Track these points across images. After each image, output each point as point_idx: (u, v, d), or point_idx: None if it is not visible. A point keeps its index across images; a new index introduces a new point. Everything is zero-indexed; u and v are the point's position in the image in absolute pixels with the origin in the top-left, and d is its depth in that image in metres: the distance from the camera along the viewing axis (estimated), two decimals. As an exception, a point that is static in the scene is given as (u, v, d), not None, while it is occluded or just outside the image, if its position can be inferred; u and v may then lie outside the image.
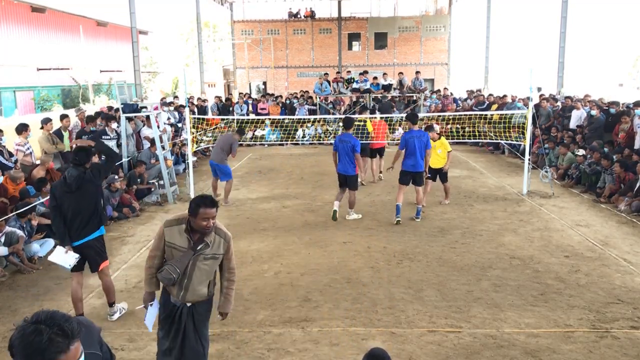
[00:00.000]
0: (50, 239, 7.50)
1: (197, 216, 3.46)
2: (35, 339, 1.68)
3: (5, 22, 22.83)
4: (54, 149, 9.96)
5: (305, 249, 7.42)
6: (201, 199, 3.51)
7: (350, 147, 8.55)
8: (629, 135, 11.13)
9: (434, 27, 35.75)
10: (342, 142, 8.63)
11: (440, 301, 5.66)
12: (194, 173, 11.06)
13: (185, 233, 3.56)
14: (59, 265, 5.14)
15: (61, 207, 4.97)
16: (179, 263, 3.56)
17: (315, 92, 20.24)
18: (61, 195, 4.96)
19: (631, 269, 6.55)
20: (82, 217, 5.01)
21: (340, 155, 8.68)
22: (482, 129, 14.68)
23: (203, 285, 3.68)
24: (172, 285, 3.63)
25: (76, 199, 4.96)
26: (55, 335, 1.70)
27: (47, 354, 1.68)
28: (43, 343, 1.68)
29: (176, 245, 3.58)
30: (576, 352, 4.61)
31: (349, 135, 8.72)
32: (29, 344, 1.68)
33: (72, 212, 4.97)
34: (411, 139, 8.49)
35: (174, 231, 3.58)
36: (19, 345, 1.70)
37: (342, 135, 8.84)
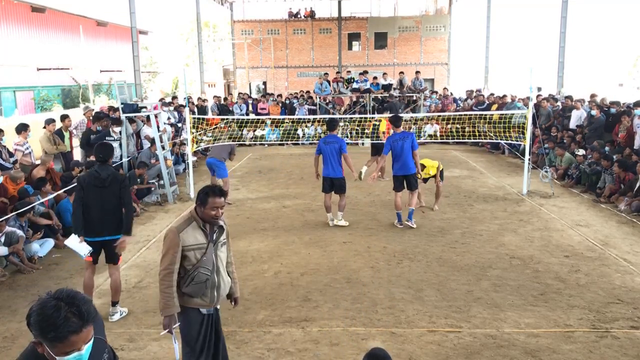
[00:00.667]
0: (50, 239, 7.51)
1: (207, 206, 3.45)
2: (53, 314, 1.77)
3: (5, 22, 22.83)
4: (54, 149, 9.97)
5: (305, 249, 7.42)
6: (210, 189, 3.50)
7: (337, 148, 8.25)
8: (629, 135, 11.13)
9: (434, 27, 35.76)
10: (328, 144, 8.29)
11: (440, 301, 5.66)
12: (194, 173, 11.07)
13: (200, 228, 3.51)
14: (74, 250, 5.31)
15: (86, 199, 5.18)
16: (206, 260, 3.49)
17: (315, 92, 20.24)
18: (88, 188, 5.18)
19: (631, 269, 6.55)
20: (104, 213, 5.20)
21: (326, 158, 8.30)
22: (482, 129, 14.68)
23: (227, 275, 3.70)
24: (205, 289, 3.51)
25: (102, 195, 5.18)
26: (71, 315, 1.79)
27: (60, 331, 1.78)
28: (59, 319, 1.77)
29: (194, 245, 3.48)
30: (576, 352, 4.61)
31: (334, 136, 8.44)
32: (46, 317, 1.78)
33: (96, 206, 5.18)
34: (395, 142, 8.20)
35: (187, 233, 3.47)
36: (36, 316, 1.79)
37: (326, 137, 8.46)
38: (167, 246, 3.46)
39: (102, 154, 5.31)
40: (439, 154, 15.91)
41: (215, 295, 3.57)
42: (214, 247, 3.55)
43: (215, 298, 3.58)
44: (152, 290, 6.11)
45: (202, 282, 3.49)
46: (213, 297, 3.57)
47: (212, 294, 3.55)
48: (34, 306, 1.82)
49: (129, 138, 10.97)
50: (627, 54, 51.44)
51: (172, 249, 3.44)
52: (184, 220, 3.53)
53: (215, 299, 3.59)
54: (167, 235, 3.49)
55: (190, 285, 3.49)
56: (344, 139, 17.13)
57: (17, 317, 5.49)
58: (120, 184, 5.25)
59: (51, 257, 7.31)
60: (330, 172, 8.31)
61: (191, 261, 3.48)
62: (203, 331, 3.59)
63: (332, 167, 8.29)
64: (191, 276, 3.48)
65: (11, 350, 4.82)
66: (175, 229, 3.47)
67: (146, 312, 5.51)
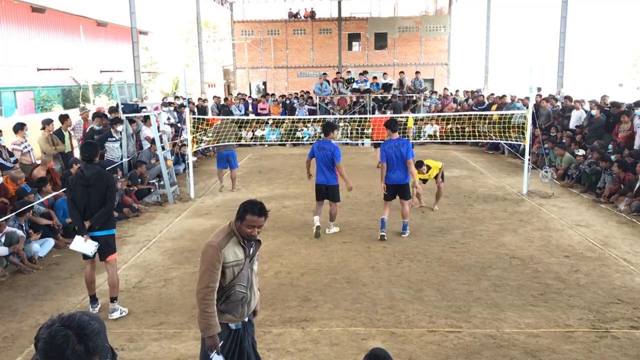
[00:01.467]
0: (50, 239, 7.51)
1: (244, 222, 3.26)
2: (62, 344, 1.76)
3: (5, 22, 22.84)
4: (53, 150, 9.97)
5: (305, 249, 7.42)
6: (250, 206, 3.26)
7: (330, 155, 7.72)
8: (629, 135, 11.13)
9: (434, 27, 35.77)
10: (321, 150, 7.79)
11: (440, 301, 5.66)
12: (194, 173, 11.07)
13: (240, 244, 3.32)
14: (80, 252, 5.40)
15: (75, 197, 5.30)
16: (242, 277, 3.34)
17: (315, 93, 20.24)
18: (75, 187, 5.29)
19: (631, 269, 6.56)
20: (90, 211, 5.31)
21: (319, 164, 7.86)
22: (482, 129, 14.68)
23: (257, 289, 3.58)
24: (239, 306, 3.40)
25: (88, 193, 5.27)
26: (79, 348, 1.79)
27: None
28: (67, 351, 1.76)
29: (233, 262, 3.30)
30: (576, 352, 4.61)
31: (329, 142, 7.86)
32: (54, 347, 1.77)
33: (82, 204, 5.30)
34: (390, 149, 7.67)
35: (228, 249, 3.28)
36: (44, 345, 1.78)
37: (320, 142, 7.95)
38: (207, 263, 3.23)
39: (86, 153, 5.40)
40: (439, 154, 15.90)
41: (245, 310, 3.47)
42: (250, 262, 3.40)
43: (245, 313, 3.48)
44: (152, 290, 6.12)
45: (238, 300, 3.38)
46: (243, 312, 3.46)
47: (242, 309, 3.44)
48: (43, 331, 1.81)
49: (129, 138, 10.98)
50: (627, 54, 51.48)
51: (213, 266, 3.22)
52: (224, 235, 3.31)
53: (245, 314, 3.49)
54: (207, 251, 3.26)
55: (224, 304, 3.35)
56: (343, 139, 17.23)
57: (17, 317, 5.49)
58: (106, 182, 5.33)
59: (51, 257, 7.31)
60: (322, 179, 7.88)
61: (227, 278, 3.31)
62: (228, 345, 3.45)
63: (324, 174, 7.84)
64: (226, 294, 3.34)
65: (11, 350, 4.82)
66: (217, 245, 3.25)
67: (146, 312, 5.51)
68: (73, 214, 5.38)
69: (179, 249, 7.60)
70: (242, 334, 3.49)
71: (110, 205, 5.40)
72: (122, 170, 10.42)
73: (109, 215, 5.41)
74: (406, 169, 7.64)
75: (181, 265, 6.92)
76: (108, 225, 5.42)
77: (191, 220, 9.14)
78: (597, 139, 12.10)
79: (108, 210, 5.37)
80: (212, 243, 3.27)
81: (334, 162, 7.74)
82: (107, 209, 5.35)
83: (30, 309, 5.69)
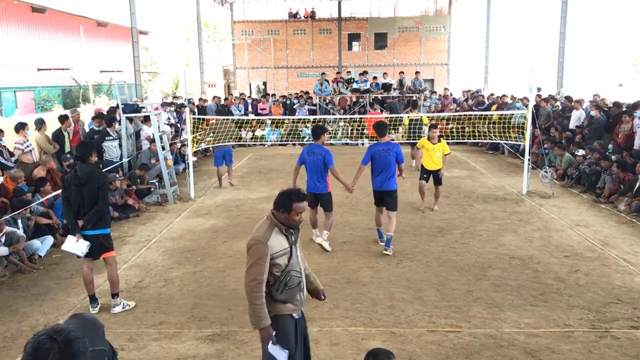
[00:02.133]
0: (49, 236, 7.52)
1: (292, 211, 3.40)
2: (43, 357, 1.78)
3: (6, 22, 22.84)
4: (52, 149, 9.99)
5: (305, 249, 7.42)
6: (294, 194, 3.42)
7: (321, 160, 7.15)
8: (628, 135, 11.13)
9: (433, 27, 35.76)
10: (312, 155, 7.22)
11: (440, 301, 5.66)
12: (194, 173, 11.08)
13: (282, 233, 3.42)
14: (72, 253, 5.43)
15: (69, 197, 5.35)
16: (294, 263, 3.43)
17: (315, 93, 20.24)
18: (69, 187, 5.34)
19: (631, 269, 6.56)
20: (84, 211, 5.36)
21: (309, 171, 7.30)
22: (482, 129, 14.69)
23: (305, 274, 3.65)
24: (297, 292, 3.46)
25: (81, 192, 5.32)
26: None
27: None
28: None
29: (281, 251, 3.39)
30: (576, 352, 4.61)
31: (319, 146, 7.26)
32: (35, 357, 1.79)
33: (76, 203, 5.35)
34: (377, 153, 7.18)
35: (273, 241, 3.36)
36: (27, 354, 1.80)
37: (310, 146, 7.35)
38: (255, 256, 3.31)
39: (79, 152, 5.46)
40: (439, 154, 15.92)
41: (303, 297, 3.54)
42: (296, 248, 3.51)
43: (303, 299, 3.55)
44: (152, 290, 6.12)
45: (296, 286, 3.44)
46: (302, 299, 3.53)
47: (301, 296, 3.51)
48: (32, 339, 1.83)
49: (129, 138, 10.98)
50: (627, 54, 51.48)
51: (261, 259, 3.29)
52: (266, 228, 3.40)
53: (303, 301, 3.55)
54: (252, 245, 3.34)
55: (284, 292, 3.39)
56: (343, 139, 17.24)
57: (17, 317, 5.50)
58: (98, 181, 5.36)
59: (51, 257, 7.32)
60: (313, 188, 7.29)
61: (281, 267, 3.39)
62: (294, 336, 3.51)
63: (315, 181, 7.26)
64: (283, 281, 3.39)
65: (11, 350, 4.83)
66: (261, 238, 3.33)
67: (146, 312, 5.51)
68: (67, 213, 5.43)
69: (179, 249, 7.61)
70: (303, 323, 3.58)
71: (103, 205, 5.42)
72: (122, 170, 10.43)
73: (101, 215, 5.42)
74: (394, 175, 7.19)
75: (181, 265, 6.92)
76: (101, 225, 5.44)
77: (191, 220, 9.14)
78: (597, 139, 12.10)
79: (100, 210, 5.39)
80: (257, 237, 3.36)
81: (325, 168, 7.21)
82: (99, 208, 5.38)
83: (30, 309, 5.70)
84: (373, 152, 7.25)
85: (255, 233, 3.42)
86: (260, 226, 3.46)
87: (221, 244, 7.77)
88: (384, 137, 7.35)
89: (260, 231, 3.40)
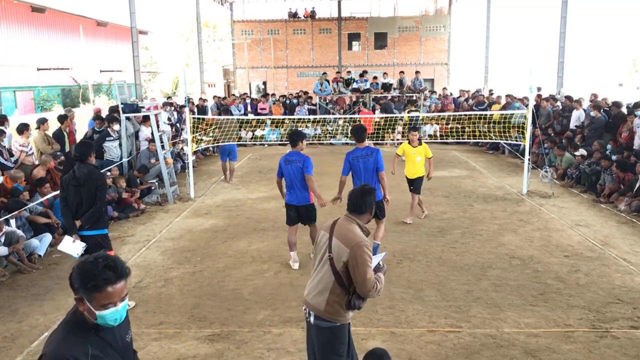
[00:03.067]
0: (47, 234, 7.52)
1: (372, 211, 3.49)
2: (91, 266, 2.11)
3: (5, 22, 22.84)
4: (50, 149, 9.97)
5: (306, 249, 7.42)
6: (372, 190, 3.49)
7: (299, 168, 6.46)
8: (629, 136, 11.13)
9: (433, 27, 35.76)
10: (289, 163, 6.53)
11: (440, 301, 5.66)
12: (193, 173, 11.07)
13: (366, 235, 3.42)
14: (68, 253, 5.42)
15: (68, 197, 5.36)
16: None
17: (315, 92, 20.24)
18: (67, 187, 5.36)
19: (631, 268, 6.56)
20: (82, 210, 5.37)
21: (288, 181, 6.60)
22: (482, 129, 14.69)
23: None
24: None
25: (80, 192, 5.33)
26: (107, 267, 2.12)
27: (98, 279, 2.09)
28: (96, 270, 2.10)
29: None
30: (576, 352, 4.61)
31: (298, 153, 6.57)
32: (85, 269, 2.11)
33: (74, 204, 5.36)
34: (355, 160, 6.59)
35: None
36: (78, 270, 2.12)
37: (288, 154, 6.64)
38: (368, 261, 3.23)
39: (78, 152, 5.46)
40: (439, 154, 15.92)
41: None
42: None
43: None
44: (152, 290, 6.12)
45: None
46: None
47: None
48: (74, 267, 2.14)
49: (129, 138, 10.98)
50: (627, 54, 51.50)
51: (369, 258, 3.24)
52: (360, 231, 3.37)
53: None
54: (363, 246, 3.24)
55: (354, 297, 3.32)
56: (343, 139, 17.24)
57: (17, 317, 5.49)
58: (96, 182, 5.36)
59: (51, 257, 7.31)
60: (293, 199, 6.62)
61: None
62: (348, 339, 3.51)
63: (295, 192, 6.59)
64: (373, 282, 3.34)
65: (11, 350, 4.82)
66: (366, 241, 3.30)
67: (146, 312, 5.51)
68: (64, 213, 5.43)
69: (179, 248, 7.61)
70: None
71: (101, 205, 5.42)
72: (122, 169, 10.43)
73: (99, 215, 5.42)
74: (376, 182, 6.55)
75: (181, 265, 6.92)
76: (99, 225, 5.44)
77: (191, 220, 9.14)
78: (597, 139, 12.10)
79: (98, 210, 5.40)
80: (364, 242, 3.28)
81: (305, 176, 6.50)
82: (97, 208, 5.38)
83: (30, 309, 5.69)
84: (351, 159, 6.64)
85: (358, 238, 3.29)
86: (356, 231, 3.35)
87: (221, 244, 7.76)
88: (363, 142, 6.67)
89: (360, 235, 3.32)
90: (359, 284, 3.23)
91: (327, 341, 3.37)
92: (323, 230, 3.52)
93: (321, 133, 18.31)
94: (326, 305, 3.32)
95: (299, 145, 6.63)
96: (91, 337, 2.13)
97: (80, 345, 2.07)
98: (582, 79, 36.18)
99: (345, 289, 3.29)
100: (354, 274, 3.22)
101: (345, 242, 3.28)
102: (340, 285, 3.29)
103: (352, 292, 3.30)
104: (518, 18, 70.16)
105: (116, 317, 2.16)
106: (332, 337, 3.36)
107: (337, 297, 3.30)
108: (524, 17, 72.91)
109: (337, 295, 3.30)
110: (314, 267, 3.53)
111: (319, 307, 3.34)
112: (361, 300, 3.31)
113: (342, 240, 3.31)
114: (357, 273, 3.21)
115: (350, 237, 3.29)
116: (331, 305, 3.31)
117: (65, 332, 2.13)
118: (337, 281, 3.29)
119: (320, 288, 3.36)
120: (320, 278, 3.39)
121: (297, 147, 6.63)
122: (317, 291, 3.38)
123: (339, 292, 3.30)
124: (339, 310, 3.32)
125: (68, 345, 2.07)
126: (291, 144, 6.70)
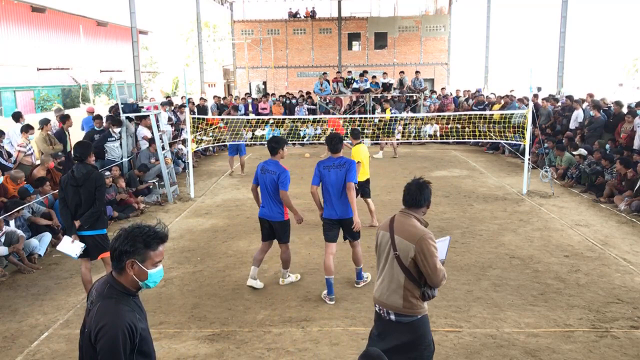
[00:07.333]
0: (47, 233, 7.52)
1: (429, 204, 3.50)
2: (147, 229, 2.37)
3: (5, 22, 22.84)
4: (50, 149, 9.97)
5: (305, 249, 7.42)
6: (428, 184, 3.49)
7: (274, 180, 5.78)
8: (629, 135, 11.12)
9: (434, 27, 35.74)
10: (265, 173, 5.87)
11: (440, 301, 5.66)
12: (193, 173, 11.07)
13: None
14: (66, 254, 5.43)
15: (67, 197, 5.37)
16: None
17: (315, 92, 20.24)
18: (66, 187, 5.37)
19: (631, 268, 6.56)
20: (81, 211, 5.38)
21: (262, 191, 5.94)
22: (482, 129, 14.69)
23: None
24: None
25: (79, 193, 5.34)
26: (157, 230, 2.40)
27: (157, 237, 2.38)
28: (153, 231, 2.37)
29: None
30: (576, 351, 4.61)
31: (276, 163, 5.87)
32: (144, 229, 2.36)
33: (73, 204, 5.37)
34: (326, 169, 5.75)
35: None
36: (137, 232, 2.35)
37: (266, 162, 5.97)
38: (434, 247, 3.27)
39: (78, 152, 5.47)
40: (439, 153, 15.92)
41: None
42: None
43: None
44: (152, 290, 6.11)
45: None
46: None
47: None
48: (122, 233, 2.36)
49: (129, 138, 10.98)
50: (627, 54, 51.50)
51: (436, 250, 3.29)
52: (423, 224, 3.41)
53: None
54: (427, 238, 3.26)
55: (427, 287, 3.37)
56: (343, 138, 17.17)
57: (17, 317, 5.49)
58: (95, 182, 5.37)
59: (51, 257, 7.31)
60: (265, 212, 5.94)
61: None
62: None
63: (268, 204, 5.91)
64: None
65: (11, 350, 4.82)
66: (429, 232, 3.33)
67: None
68: (63, 213, 5.45)
69: (179, 248, 7.61)
70: None
71: (99, 206, 5.42)
72: (122, 169, 10.43)
73: (98, 215, 5.43)
74: (345, 197, 5.69)
75: (181, 265, 6.92)
76: (98, 225, 5.45)
77: (191, 220, 9.14)
78: (597, 139, 12.09)
79: (97, 210, 5.40)
80: (428, 234, 3.31)
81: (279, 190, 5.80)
82: (96, 209, 5.39)
83: (30, 309, 5.69)
84: (321, 168, 5.80)
85: (422, 231, 3.32)
86: (417, 225, 3.38)
87: (221, 244, 7.76)
88: (337, 152, 5.83)
89: (423, 228, 3.36)
90: (429, 275, 3.28)
91: (415, 335, 3.41)
92: (382, 229, 3.55)
93: (321, 133, 18.31)
94: (403, 301, 3.37)
95: (279, 153, 5.92)
96: (131, 304, 2.40)
97: (130, 313, 2.35)
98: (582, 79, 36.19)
99: (416, 283, 3.35)
100: (424, 267, 3.27)
101: (409, 238, 3.31)
102: (412, 280, 3.34)
103: (424, 283, 3.36)
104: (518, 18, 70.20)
105: (161, 275, 2.49)
106: (418, 330, 3.40)
107: (411, 292, 3.36)
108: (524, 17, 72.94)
109: (411, 290, 3.36)
110: (379, 267, 3.57)
111: (397, 305, 3.39)
112: (433, 290, 3.37)
113: (406, 236, 3.34)
114: (427, 266, 3.26)
115: (413, 232, 3.32)
116: (408, 300, 3.37)
117: (115, 302, 2.34)
118: (408, 277, 3.35)
119: (394, 287, 3.40)
120: (391, 277, 3.43)
121: (277, 155, 5.92)
122: (391, 290, 3.42)
123: (411, 287, 3.35)
124: (417, 304, 3.38)
125: (123, 313, 2.32)
126: (270, 152, 5.94)
